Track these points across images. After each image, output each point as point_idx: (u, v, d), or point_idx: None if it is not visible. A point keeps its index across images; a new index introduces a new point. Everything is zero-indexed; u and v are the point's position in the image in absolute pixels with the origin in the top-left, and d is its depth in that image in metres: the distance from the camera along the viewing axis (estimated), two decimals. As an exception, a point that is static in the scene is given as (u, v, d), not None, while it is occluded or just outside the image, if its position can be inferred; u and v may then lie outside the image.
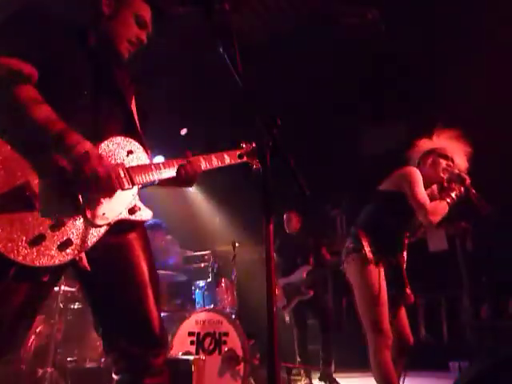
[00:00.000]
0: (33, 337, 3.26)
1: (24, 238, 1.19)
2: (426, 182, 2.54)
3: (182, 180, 1.56)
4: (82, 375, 3.24)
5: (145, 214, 1.44)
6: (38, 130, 1.25)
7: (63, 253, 1.24)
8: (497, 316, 5.08)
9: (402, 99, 5.29)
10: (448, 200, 2.45)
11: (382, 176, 2.71)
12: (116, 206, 1.38)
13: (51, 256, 1.23)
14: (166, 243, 4.49)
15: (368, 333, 2.39)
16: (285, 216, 4.71)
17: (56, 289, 3.22)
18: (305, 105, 5.39)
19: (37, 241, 1.21)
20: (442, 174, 2.56)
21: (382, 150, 5.71)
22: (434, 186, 2.67)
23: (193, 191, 6.26)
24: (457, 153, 2.62)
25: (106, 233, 1.34)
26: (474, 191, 2.49)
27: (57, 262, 1.23)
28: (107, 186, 1.31)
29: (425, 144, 2.69)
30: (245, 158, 1.78)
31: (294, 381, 4.24)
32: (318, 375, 4.39)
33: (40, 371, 3.04)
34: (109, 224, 1.35)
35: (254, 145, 1.79)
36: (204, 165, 1.64)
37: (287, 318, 4.36)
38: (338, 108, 5.52)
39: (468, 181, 2.49)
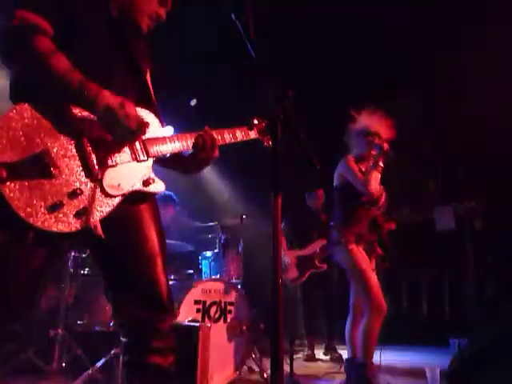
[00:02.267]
0: (44, 299, 3.37)
1: (43, 204, 1.23)
2: (361, 161, 2.92)
3: (199, 151, 1.55)
4: (92, 338, 3.35)
5: (158, 187, 1.47)
6: (59, 79, 1.26)
7: (80, 220, 1.28)
8: (500, 295, 5.11)
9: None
10: (378, 168, 2.77)
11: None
12: (131, 178, 1.40)
13: (68, 223, 1.26)
14: (175, 214, 4.54)
15: (365, 306, 2.75)
16: (313, 193, 4.75)
17: (66, 254, 3.30)
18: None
19: (55, 207, 1.24)
20: (372, 151, 2.89)
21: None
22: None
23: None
24: (379, 125, 2.91)
25: (120, 203, 1.37)
26: (389, 156, 2.79)
27: (73, 228, 1.27)
28: (138, 127, 1.34)
29: (353, 127, 2.98)
30: (256, 135, 1.77)
31: (296, 352, 4.35)
32: (323, 349, 4.50)
33: (51, 332, 3.16)
34: (123, 195, 1.38)
35: (266, 121, 1.78)
36: (217, 139, 1.64)
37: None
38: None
39: (386, 146, 2.79)
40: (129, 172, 1.40)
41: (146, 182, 1.43)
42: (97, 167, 1.33)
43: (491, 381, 2.50)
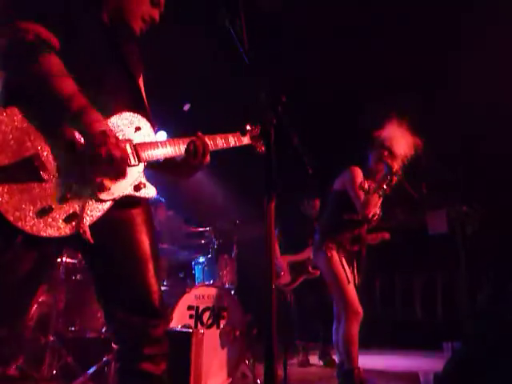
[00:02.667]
0: (35, 305, 3.33)
1: (32, 208, 1.21)
2: (371, 174, 2.88)
3: (191, 157, 1.54)
4: (83, 344, 3.31)
5: (149, 192, 1.45)
6: (60, 102, 1.24)
7: (69, 225, 1.26)
8: (492, 299, 5.14)
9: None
10: (379, 192, 2.66)
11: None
12: (122, 183, 1.39)
13: (57, 227, 1.25)
14: (168, 219, 4.52)
15: (342, 311, 2.82)
16: (309, 202, 4.74)
17: (58, 260, 3.27)
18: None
19: (44, 212, 1.23)
20: (380, 166, 2.83)
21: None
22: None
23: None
24: (399, 143, 2.80)
25: (111, 208, 1.36)
26: (396, 179, 2.66)
27: (63, 233, 1.25)
28: (119, 169, 1.32)
29: (378, 134, 2.92)
30: (249, 141, 1.77)
31: (290, 357, 4.33)
32: (318, 353, 4.48)
33: (42, 339, 3.11)
34: (114, 200, 1.36)
35: (258, 127, 1.78)
36: (210, 144, 1.63)
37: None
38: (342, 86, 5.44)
39: (395, 169, 2.66)
40: None
41: (137, 187, 1.42)
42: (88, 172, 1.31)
43: (485, 384, 2.50)
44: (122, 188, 1.39)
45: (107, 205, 1.35)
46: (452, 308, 5.60)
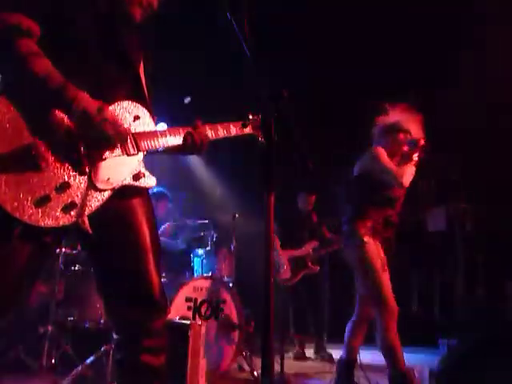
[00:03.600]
0: (34, 295, 3.34)
1: (29, 198, 1.21)
2: (389, 156, 2.72)
3: (188, 148, 1.55)
4: (82, 335, 3.33)
5: (149, 181, 1.45)
6: (38, 83, 1.24)
7: (67, 215, 1.26)
8: (490, 297, 5.17)
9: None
10: (412, 162, 2.64)
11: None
12: (121, 172, 1.38)
13: (56, 217, 1.24)
14: (167, 211, 4.52)
15: (375, 308, 2.57)
16: (304, 196, 4.74)
17: (57, 251, 3.28)
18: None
19: (42, 201, 1.22)
20: (402, 147, 2.74)
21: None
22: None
23: (195, 160, 6.26)
24: (411, 123, 2.78)
25: (110, 197, 1.35)
26: (426, 149, 2.67)
27: (61, 223, 1.25)
28: (118, 135, 1.32)
29: (383, 120, 2.83)
30: (251, 130, 1.76)
31: (286, 350, 4.36)
32: (313, 348, 4.51)
33: (41, 329, 3.13)
34: (113, 189, 1.36)
35: (260, 116, 1.77)
36: (210, 134, 1.63)
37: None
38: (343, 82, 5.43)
39: (422, 141, 2.66)
40: (119, 166, 1.38)
41: (137, 177, 1.41)
42: (86, 161, 1.31)
43: (479, 381, 2.53)
44: (121, 177, 1.38)
45: (106, 194, 1.35)
46: (449, 305, 5.62)
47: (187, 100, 5.22)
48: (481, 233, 5.31)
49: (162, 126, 1.59)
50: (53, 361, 3.06)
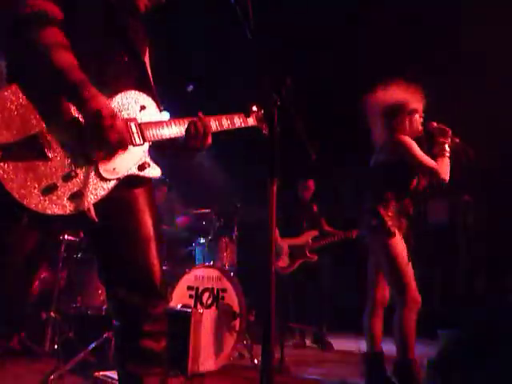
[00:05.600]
0: (37, 282, 3.37)
1: (37, 186, 1.22)
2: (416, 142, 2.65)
3: (191, 139, 1.54)
4: (84, 321, 3.37)
5: (154, 172, 1.45)
6: (57, 75, 1.24)
7: (74, 203, 1.27)
8: (490, 289, 5.19)
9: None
10: (446, 154, 2.59)
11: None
12: (126, 162, 1.39)
13: (62, 205, 1.25)
14: (170, 200, 4.54)
15: (398, 296, 2.57)
16: (303, 183, 4.74)
17: (60, 238, 3.30)
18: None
19: (49, 190, 1.23)
20: (420, 129, 2.69)
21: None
22: None
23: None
24: (417, 102, 2.71)
25: (115, 187, 1.37)
26: (458, 139, 2.64)
27: (67, 211, 1.26)
28: (118, 145, 1.33)
29: (383, 99, 2.71)
30: (255, 122, 1.76)
31: (287, 339, 4.40)
32: (313, 336, 4.55)
33: (44, 315, 3.17)
34: (118, 179, 1.37)
35: (263, 108, 1.76)
36: (214, 126, 1.62)
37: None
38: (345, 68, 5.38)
39: (450, 131, 2.62)
40: (124, 156, 1.38)
41: (142, 167, 1.42)
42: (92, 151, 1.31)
43: (477, 372, 2.55)
44: (126, 167, 1.39)
45: (112, 184, 1.36)
46: (449, 297, 5.64)
47: (190, 88, 5.19)
48: (482, 225, 5.31)
49: (166, 115, 1.58)
50: (55, 347, 3.10)
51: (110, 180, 1.35)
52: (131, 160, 1.40)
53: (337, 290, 4.96)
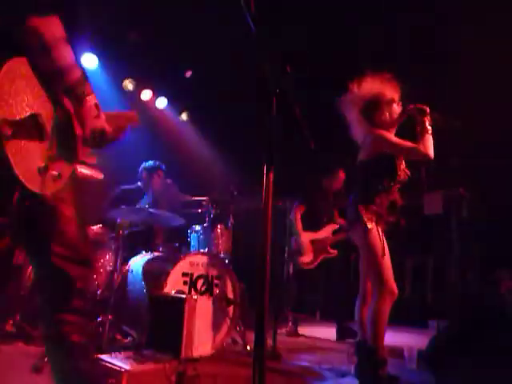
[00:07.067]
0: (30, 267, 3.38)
1: (34, 166, 1.25)
2: (390, 129, 2.72)
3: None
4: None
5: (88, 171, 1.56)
6: (58, 72, 1.29)
7: (55, 184, 1.34)
8: (482, 282, 5.24)
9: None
10: (428, 132, 2.63)
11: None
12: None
13: (49, 186, 1.31)
14: (166, 186, 4.53)
15: (375, 288, 2.63)
16: (333, 173, 4.55)
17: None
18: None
19: (43, 170, 1.27)
20: (400, 118, 2.75)
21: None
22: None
23: (194, 136, 6.22)
24: (393, 91, 2.75)
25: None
26: (436, 114, 2.67)
27: (53, 191, 1.33)
28: (104, 142, 1.41)
29: (358, 95, 2.75)
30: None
31: (280, 327, 4.44)
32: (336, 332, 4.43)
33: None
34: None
35: None
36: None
37: None
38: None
39: (427, 108, 2.65)
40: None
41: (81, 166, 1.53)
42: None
43: (467, 362, 2.59)
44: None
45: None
46: (441, 289, 5.70)
47: (189, 74, 5.15)
48: (476, 219, 5.34)
49: (163, 101, 1.58)
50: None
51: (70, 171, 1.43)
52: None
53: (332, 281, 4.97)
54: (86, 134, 1.37)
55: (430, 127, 2.64)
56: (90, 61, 4.93)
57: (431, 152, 2.61)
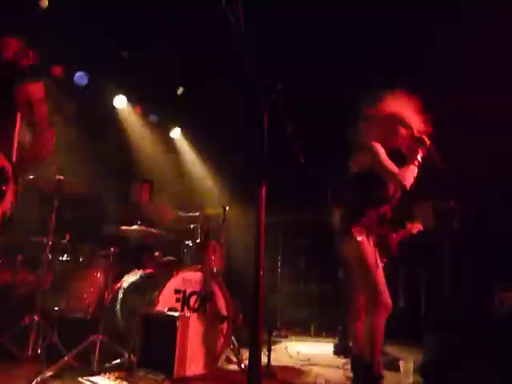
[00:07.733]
0: (21, 285, 3.31)
1: None
2: (387, 150, 2.69)
3: None
4: (68, 325, 3.31)
5: None
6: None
7: None
8: (475, 295, 5.25)
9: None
10: (415, 163, 2.65)
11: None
12: None
13: None
14: (156, 201, 4.52)
15: (369, 301, 2.60)
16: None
17: (44, 240, 3.25)
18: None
19: None
20: (401, 141, 2.74)
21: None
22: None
23: (186, 152, 6.22)
24: (413, 117, 2.73)
25: None
26: (434, 152, 2.68)
27: None
28: None
29: (378, 110, 2.77)
30: None
31: (273, 342, 4.38)
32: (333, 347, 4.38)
33: (27, 318, 3.10)
34: None
35: None
36: None
37: None
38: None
39: (428, 142, 2.66)
40: None
41: None
42: None
43: (462, 375, 2.58)
44: None
45: None
46: (434, 302, 5.70)
47: (180, 90, 5.18)
48: (468, 231, 5.38)
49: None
50: (38, 351, 3.04)
51: None
52: None
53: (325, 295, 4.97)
54: None
55: (419, 160, 2.65)
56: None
57: (408, 183, 2.62)
